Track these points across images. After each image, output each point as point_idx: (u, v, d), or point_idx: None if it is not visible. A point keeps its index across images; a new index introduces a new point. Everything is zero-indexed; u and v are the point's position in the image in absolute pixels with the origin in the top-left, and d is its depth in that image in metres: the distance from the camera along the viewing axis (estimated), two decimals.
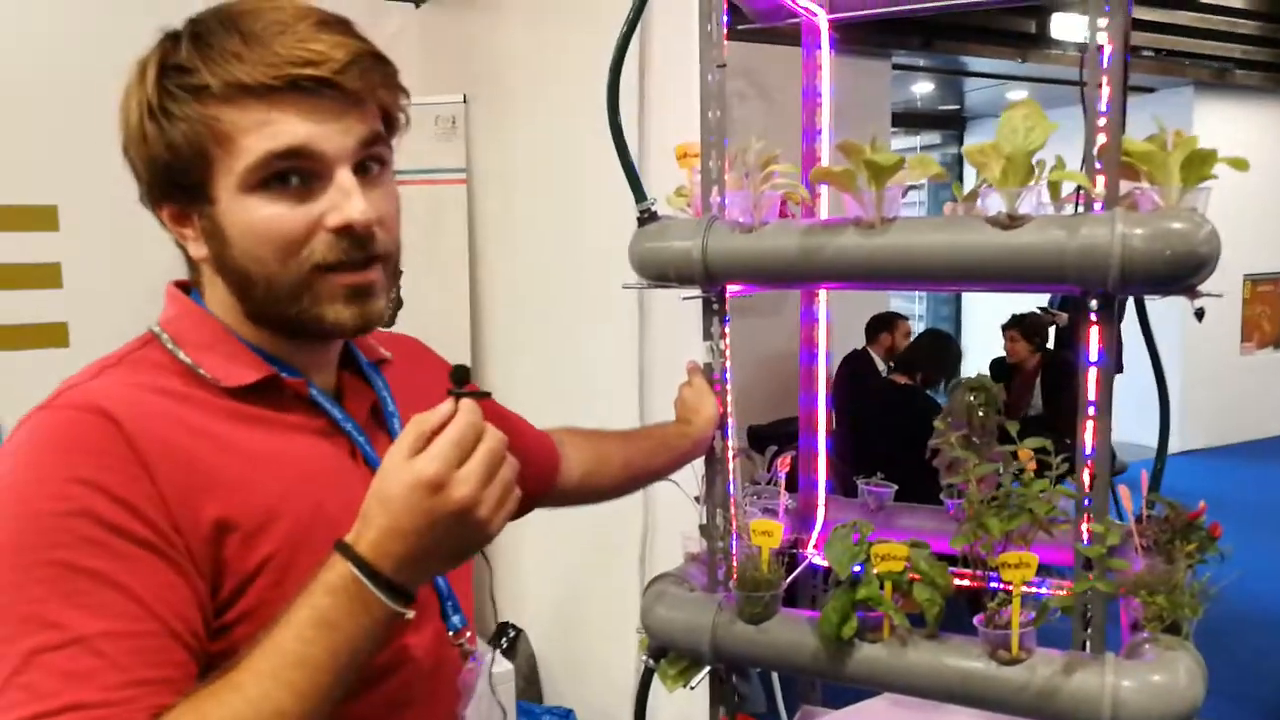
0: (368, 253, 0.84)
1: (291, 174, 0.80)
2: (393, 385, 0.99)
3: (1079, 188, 1.18)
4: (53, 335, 3.03)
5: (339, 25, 0.82)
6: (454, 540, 0.76)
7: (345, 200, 0.81)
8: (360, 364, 0.98)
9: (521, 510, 1.25)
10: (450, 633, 0.95)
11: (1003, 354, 5.56)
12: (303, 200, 0.81)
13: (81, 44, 2.95)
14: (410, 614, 0.76)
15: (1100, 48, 1.16)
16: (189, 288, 0.91)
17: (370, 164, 0.85)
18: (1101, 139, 1.15)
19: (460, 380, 0.78)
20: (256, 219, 0.81)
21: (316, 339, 0.89)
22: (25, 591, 0.70)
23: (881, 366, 4.60)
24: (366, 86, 0.82)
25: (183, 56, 0.80)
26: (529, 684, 3.05)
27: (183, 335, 0.86)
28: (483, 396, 0.78)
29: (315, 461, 0.87)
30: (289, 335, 0.87)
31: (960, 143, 9.22)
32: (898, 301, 6.89)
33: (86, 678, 0.69)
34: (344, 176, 0.82)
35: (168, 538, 0.74)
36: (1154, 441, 1.50)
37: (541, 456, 1.25)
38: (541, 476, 1.24)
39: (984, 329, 7.48)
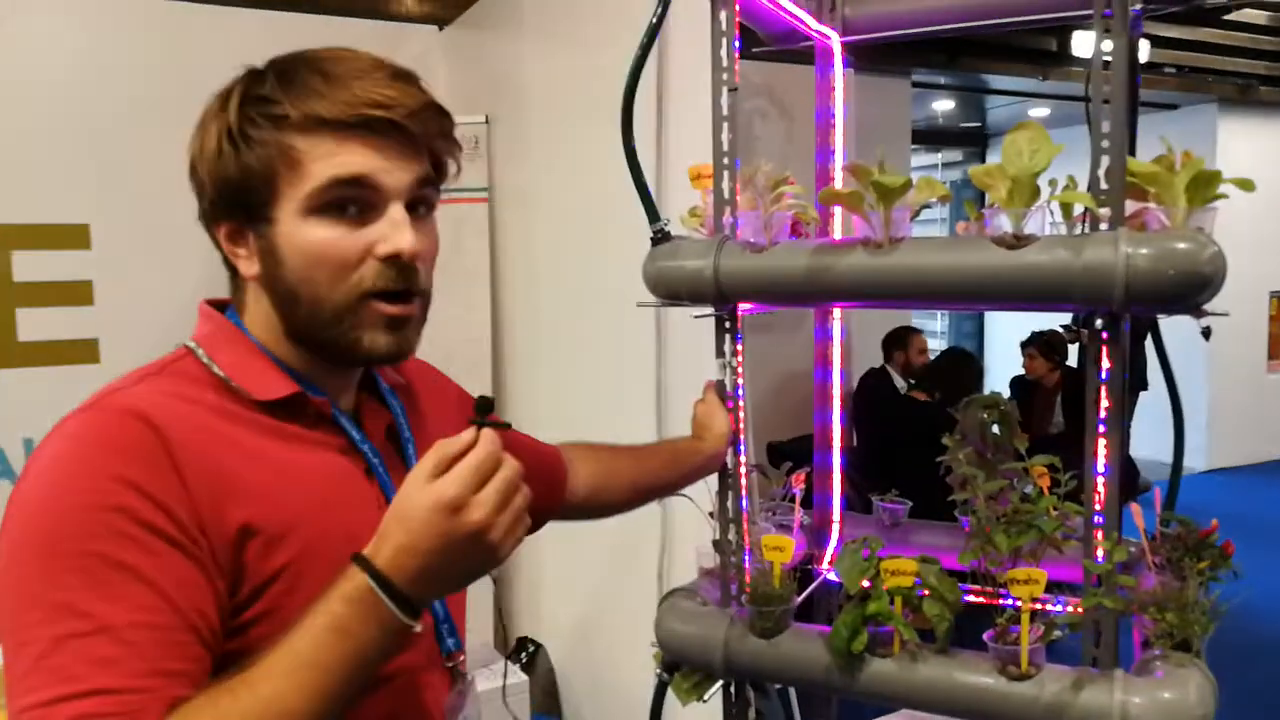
0: (410, 285, 0.90)
1: (350, 202, 0.87)
2: (406, 409, 1.04)
3: (1087, 208, 1.20)
4: (84, 351, 3.09)
5: (410, 77, 0.90)
6: (465, 561, 0.80)
7: (396, 231, 0.88)
8: (380, 388, 1.02)
9: (533, 527, 1.29)
10: (444, 654, 0.99)
11: (1022, 371, 5.55)
12: (357, 228, 0.87)
13: (112, 70, 3.02)
14: (419, 627, 0.80)
15: (1105, 66, 1.18)
16: (222, 306, 0.96)
17: (419, 205, 0.91)
18: (1106, 160, 1.16)
19: (483, 410, 0.83)
20: (312, 240, 0.87)
21: (349, 363, 0.94)
22: (59, 580, 0.74)
23: (900, 383, 4.59)
24: (426, 133, 0.90)
25: (267, 89, 0.87)
26: (548, 698, 3.07)
27: (217, 350, 0.91)
28: (503, 427, 0.82)
29: (334, 477, 0.91)
30: (323, 357, 0.92)
31: (982, 159, 9.20)
32: (918, 319, 6.88)
33: (112, 665, 0.73)
34: (396, 210, 0.88)
35: (194, 538, 0.79)
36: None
37: (548, 473, 1.28)
38: (549, 493, 1.27)
39: (1007, 346, 7.44)
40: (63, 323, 3.11)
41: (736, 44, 1.40)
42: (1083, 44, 5.51)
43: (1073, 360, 5.57)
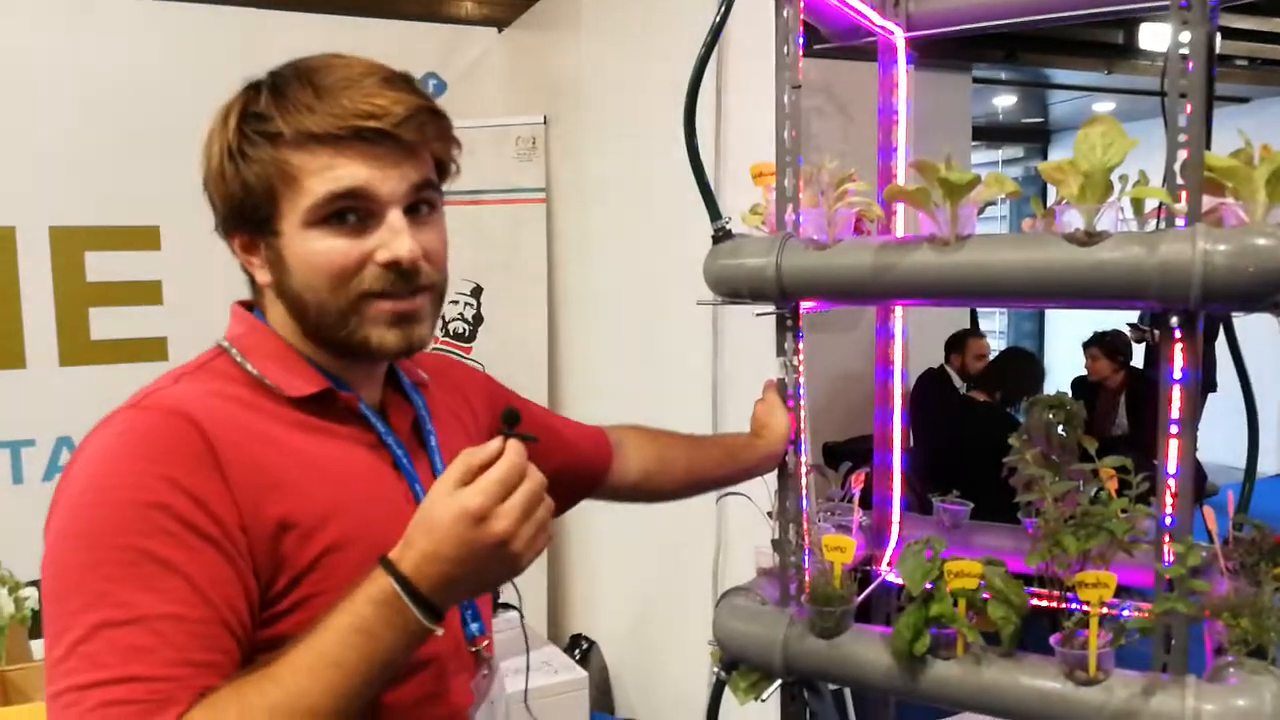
0: (412, 285, 0.92)
1: (349, 212, 0.89)
2: (430, 405, 1.07)
3: (1162, 203, 1.17)
4: (153, 349, 3.18)
5: (402, 82, 0.91)
6: (487, 569, 0.82)
7: (395, 238, 0.90)
8: (402, 383, 1.05)
9: (567, 504, 1.29)
10: (468, 639, 1.02)
11: (1084, 372, 5.44)
12: (357, 236, 0.90)
13: (180, 75, 3.10)
14: (440, 630, 0.82)
15: (1182, 58, 1.15)
16: (252, 306, 0.99)
17: (421, 206, 0.93)
18: (1183, 154, 1.14)
19: (510, 422, 0.84)
20: (313, 251, 0.89)
21: (364, 359, 0.96)
22: (100, 570, 0.77)
23: (959, 384, 4.53)
24: (421, 138, 0.91)
25: (261, 106, 0.89)
26: (602, 695, 3.08)
27: (249, 349, 0.94)
28: (530, 440, 0.83)
29: (363, 470, 0.95)
30: (340, 354, 0.95)
31: (1044, 156, 9.04)
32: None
33: (145, 654, 0.76)
34: (395, 217, 0.90)
35: (231, 535, 0.82)
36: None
37: (587, 453, 1.31)
38: (586, 472, 1.30)
39: (1068, 346, 7.29)
40: (134, 322, 3.20)
41: (800, 41, 1.39)
42: (1151, 37, 5.38)
43: (1137, 360, 5.45)
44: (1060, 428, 1.44)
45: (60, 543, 0.80)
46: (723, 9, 1.39)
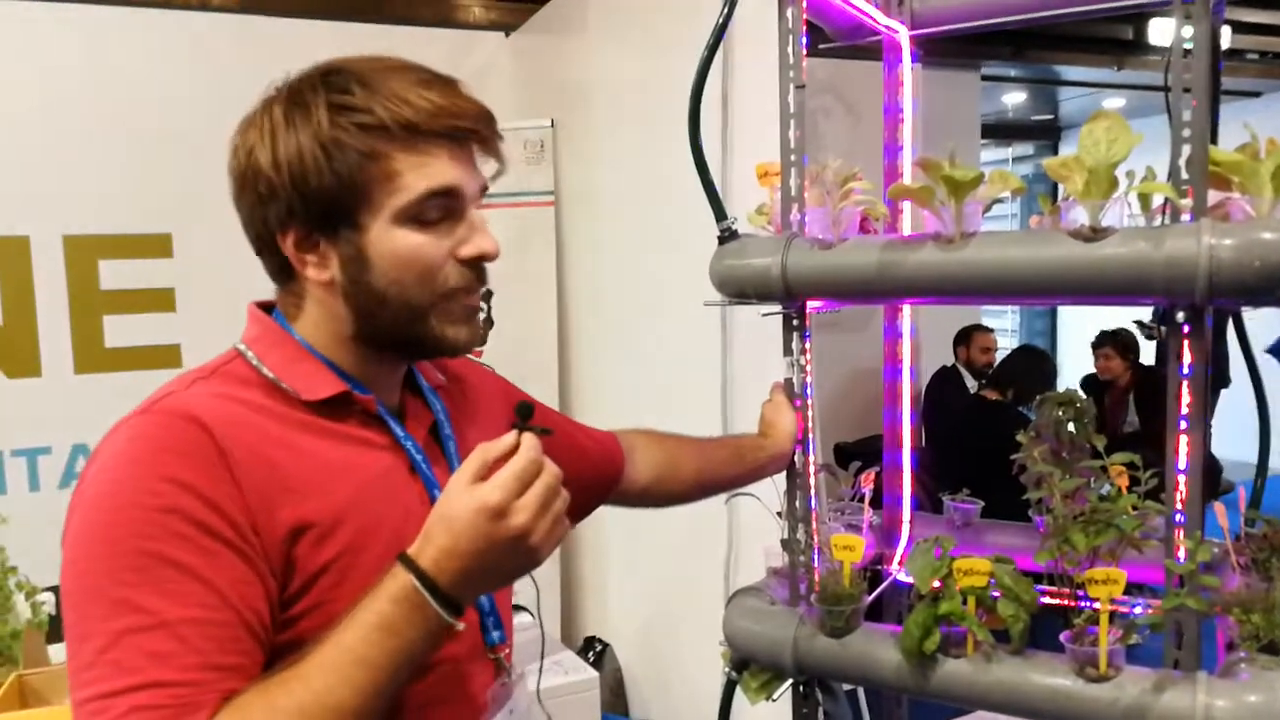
0: (483, 280, 0.95)
1: (438, 210, 0.90)
2: (450, 407, 1.07)
3: (1168, 198, 1.17)
4: (166, 357, 3.20)
5: (464, 87, 0.94)
6: (506, 563, 0.83)
7: (478, 235, 0.93)
8: (421, 387, 1.05)
9: (584, 512, 1.29)
10: (488, 646, 1.02)
11: (1094, 370, 5.41)
12: (442, 233, 0.91)
13: (191, 83, 3.13)
14: (461, 625, 0.82)
15: (1185, 53, 1.15)
16: (268, 308, 0.99)
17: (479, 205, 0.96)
18: (1187, 149, 1.13)
19: (525, 415, 0.85)
20: (404, 247, 0.90)
21: (428, 356, 0.99)
22: (118, 577, 0.77)
23: (971, 382, 4.52)
24: (492, 139, 0.94)
25: (355, 98, 0.88)
26: (615, 697, 3.09)
27: (266, 352, 0.94)
28: (544, 433, 0.85)
29: (379, 474, 0.94)
30: (399, 353, 0.97)
31: (1055, 153, 8.97)
32: (988, 317, 6.74)
33: (168, 658, 0.76)
34: (475, 214, 0.94)
35: (246, 537, 0.82)
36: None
37: (601, 460, 1.30)
38: (600, 479, 1.30)
39: (1079, 344, 7.26)
40: (147, 329, 3.23)
41: (803, 41, 1.39)
42: (1160, 32, 5.35)
43: (1147, 358, 5.42)
44: (1070, 425, 1.43)
45: (77, 550, 0.80)
46: (726, 10, 1.40)
